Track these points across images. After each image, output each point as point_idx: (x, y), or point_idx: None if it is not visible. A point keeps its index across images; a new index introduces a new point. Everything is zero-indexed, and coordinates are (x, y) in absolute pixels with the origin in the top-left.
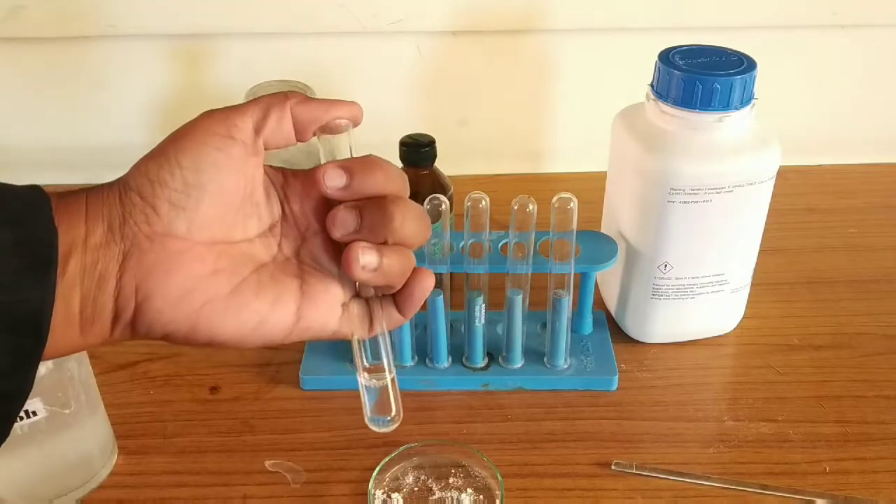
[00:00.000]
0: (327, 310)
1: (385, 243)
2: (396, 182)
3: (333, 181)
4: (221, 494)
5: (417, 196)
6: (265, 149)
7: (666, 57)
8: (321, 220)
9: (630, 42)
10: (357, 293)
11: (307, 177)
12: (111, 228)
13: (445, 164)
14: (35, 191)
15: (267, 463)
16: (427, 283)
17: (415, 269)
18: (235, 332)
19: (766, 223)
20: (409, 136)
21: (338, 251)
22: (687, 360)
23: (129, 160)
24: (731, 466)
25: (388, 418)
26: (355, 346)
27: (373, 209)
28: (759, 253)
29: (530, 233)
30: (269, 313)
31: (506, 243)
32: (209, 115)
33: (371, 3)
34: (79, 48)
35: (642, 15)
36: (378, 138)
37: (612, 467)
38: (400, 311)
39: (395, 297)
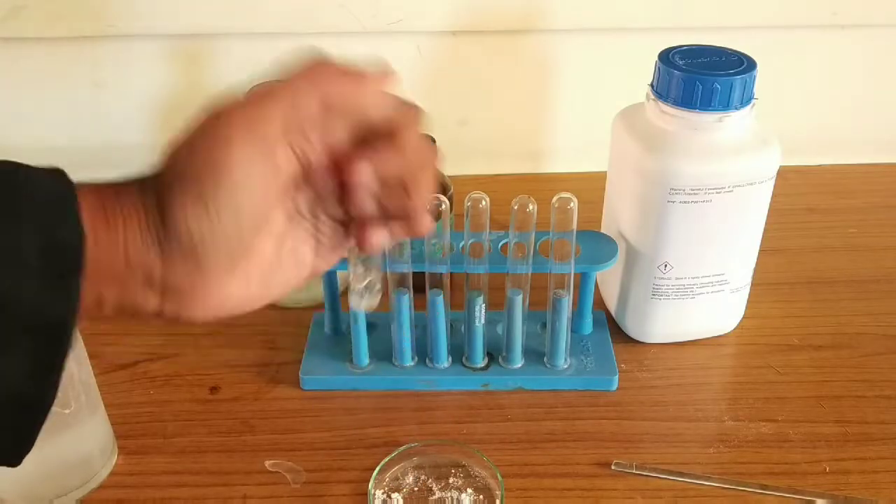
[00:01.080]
0: (335, 256)
1: None
2: (425, 162)
3: (364, 175)
4: (221, 494)
5: None
6: None
7: (666, 57)
8: (338, 175)
9: (630, 42)
10: None
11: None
12: (149, 280)
13: (445, 164)
14: (59, 180)
15: (267, 463)
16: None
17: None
18: (255, 304)
19: (766, 223)
20: None
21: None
22: (687, 360)
23: (129, 160)
24: (731, 466)
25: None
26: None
27: (395, 204)
28: (759, 253)
29: (530, 233)
30: (285, 287)
31: (506, 243)
32: (239, 126)
33: (371, 3)
34: (79, 48)
35: (642, 15)
36: None
37: (612, 467)
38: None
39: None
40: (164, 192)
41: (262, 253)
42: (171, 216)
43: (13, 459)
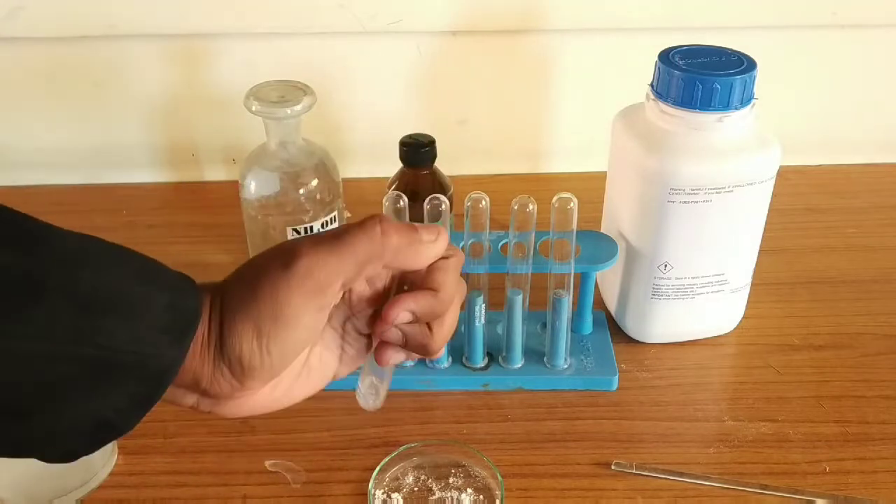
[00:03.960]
0: (356, 364)
1: None
2: (455, 303)
3: (400, 319)
4: (221, 494)
5: (417, 196)
6: None
7: (666, 57)
8: (374, 302)
9: (630, 42)
10: None
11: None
12: (196, 381)
13: (445, 164)
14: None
15: (267, 463)
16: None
17: None
18: (288, 404)
19: (766, 223)
20: (409, 136)
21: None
22: (687, 360)
23: (129, 160)
24: (731, 466)
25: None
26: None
27: (418, 340)
28: (759, 253)
29: (530, 233)
30: (307, 393)
31: (506, 243)
32: (305, 279)
33: (371, 3)
34: (79, 48)
35: (642, 15)
36: (378, 138)
37: (612, 467)
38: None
39: None
40: (227, 314)
41: (295, 365)
42: (230, 339)
43: (68, 459)
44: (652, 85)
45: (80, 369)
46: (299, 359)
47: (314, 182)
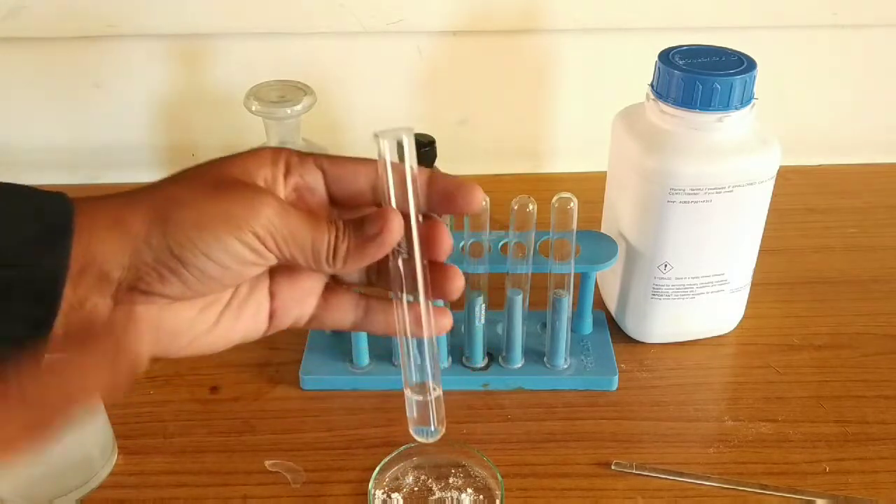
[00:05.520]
0: (298, 303)
1: None
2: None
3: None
4: (221, 494)
5: None
6: None
7: (666, 57)
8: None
9: (630, 42)
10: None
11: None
12: (105, 277)
13: (445, 164)
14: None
15: (267, 463)
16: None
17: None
18: (220, 347)
19: (766, 223)
20: None
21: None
22: (687, 360)
23: (129, 160)
24: (731, 466)
25: (432, 429)
26: (403, 358)
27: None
28: (759, 253)
29: (530, 233)
30: (249, 328)
31: (506, 243)
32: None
33: (371, 3)
34: (79, 48)
35: (642, 15)
36: None
37: (612, 467)
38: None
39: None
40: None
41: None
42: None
43: None
44: (652, 85)
45: None
46: (219, 273)
47: None
